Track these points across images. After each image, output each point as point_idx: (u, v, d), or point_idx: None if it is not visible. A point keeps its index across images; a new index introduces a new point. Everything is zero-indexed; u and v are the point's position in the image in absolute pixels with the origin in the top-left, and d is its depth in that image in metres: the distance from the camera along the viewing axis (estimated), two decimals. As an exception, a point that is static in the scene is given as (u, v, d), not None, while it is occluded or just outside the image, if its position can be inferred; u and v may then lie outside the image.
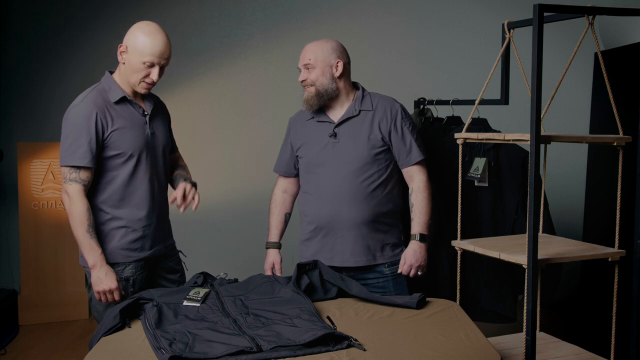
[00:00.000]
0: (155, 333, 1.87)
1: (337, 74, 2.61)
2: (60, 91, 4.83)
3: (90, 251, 2.30)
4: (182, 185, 2.47)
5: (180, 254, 2.67)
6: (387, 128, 2.62)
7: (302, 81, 2.63)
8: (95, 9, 4.78)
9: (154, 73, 2.33)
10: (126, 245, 2.39)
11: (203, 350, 1.74)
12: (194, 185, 2.56)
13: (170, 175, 2.63)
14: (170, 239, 2.62)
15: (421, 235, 2.61)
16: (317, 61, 2.59)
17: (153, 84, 2.37)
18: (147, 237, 2.44)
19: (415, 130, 2.69)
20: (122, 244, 2.38)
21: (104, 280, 2.30)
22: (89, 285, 2.42)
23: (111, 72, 2.44)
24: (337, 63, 2.60)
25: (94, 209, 2.36)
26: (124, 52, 2.35)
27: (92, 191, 2.37)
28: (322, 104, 2.63)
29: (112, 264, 2.36)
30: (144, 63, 2.31)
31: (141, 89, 2.38)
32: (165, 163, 2.53)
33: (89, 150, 2.28)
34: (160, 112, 2.55)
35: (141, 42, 2.31)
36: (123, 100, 2.38)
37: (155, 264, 2.52)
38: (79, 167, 2.29)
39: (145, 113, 2.44)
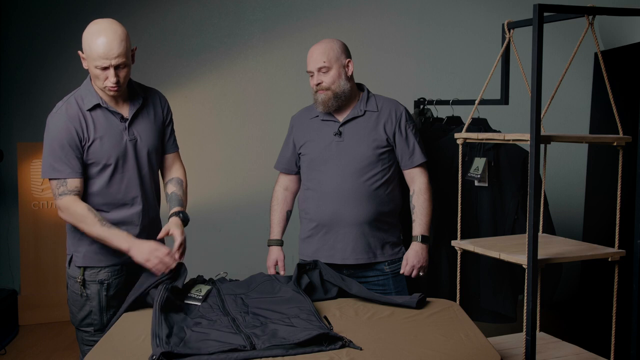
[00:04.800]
0: (159, 317, 1.91)
1: (350, 73, 2.61)
2: (61, 91, 4.81)
3: (118, 239, 2.20)
4: (179, 239, 2.28)
5: None
6: (392, 129, 2.63)
7: (318, 84, 2.58)
8: (95, 9, 4.77)
9: (110, 75, 2.18)
10: (99, 249, 2.28)
11: (197, 346, 1.77)
12: (186, 219, 2.38)
13: (165, 185, 2.50)
14: None
15: (423, 236, 2.63)
16: (331, 62, 2.56)
17: (117, 85, 2.21)
18: None
19: (418, 133, 2.71)
20: (96, 247, 2.28)
21: (146, 253, 2.17)
22: (66, 285, 2.38)
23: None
24: (348, 62, 2.61)
25: None
26: (84, 58, 2.23)
27: None
28: (340, 104, 2.61)
29: (85, 267, 2.30)
30: (96, 67, 2.18)
31: (109, 93, 2.25)
32: (151, 167, 2.41)
33: (67, 162, 2.22)
34: (148, 113, 2.40)
35: (88, 46, 2.18)
36: (97, 107, 2.27)
37: (139, 268, 2.29)
38: (64, 180, 2.23)
39: (125, 119, 2.32)
